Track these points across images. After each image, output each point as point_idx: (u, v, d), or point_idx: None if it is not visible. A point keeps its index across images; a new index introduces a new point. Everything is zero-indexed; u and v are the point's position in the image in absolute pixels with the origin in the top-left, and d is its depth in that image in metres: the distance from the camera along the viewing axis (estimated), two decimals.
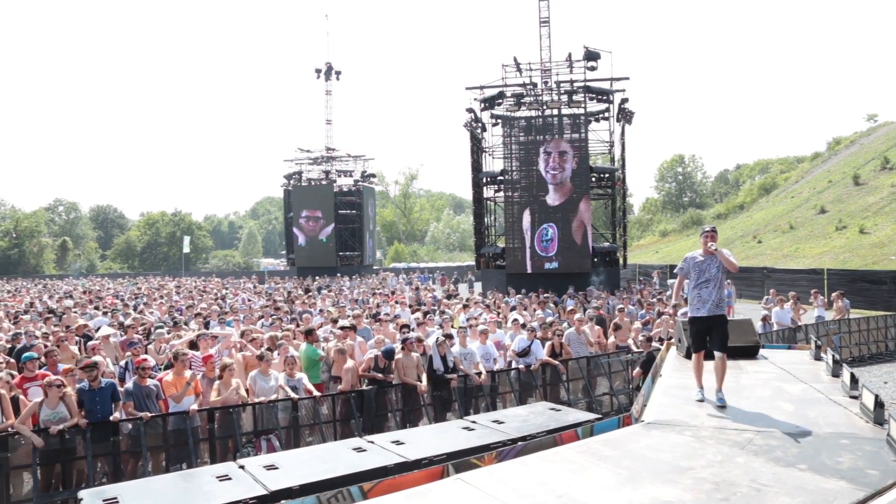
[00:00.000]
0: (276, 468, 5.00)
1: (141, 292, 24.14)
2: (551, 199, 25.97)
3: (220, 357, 8.17)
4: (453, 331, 10.18)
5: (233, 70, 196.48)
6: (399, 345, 8.97)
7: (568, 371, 9.97)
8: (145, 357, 8.01)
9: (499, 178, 28.02)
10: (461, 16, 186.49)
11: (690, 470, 3.95)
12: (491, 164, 29.06)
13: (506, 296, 19.55)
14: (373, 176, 49.80)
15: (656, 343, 9.61)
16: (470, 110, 27.76)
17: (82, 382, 6.91)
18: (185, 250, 57.76)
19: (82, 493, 4.61)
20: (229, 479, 4.77)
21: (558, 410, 7.04)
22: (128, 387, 7.20)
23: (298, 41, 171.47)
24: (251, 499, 4.38)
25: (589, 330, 11.05)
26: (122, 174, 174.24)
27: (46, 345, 9.22)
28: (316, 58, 72.48)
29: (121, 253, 74.10)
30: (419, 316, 12.76)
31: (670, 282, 22.77)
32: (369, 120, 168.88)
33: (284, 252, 54.20)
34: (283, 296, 20.76)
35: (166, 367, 8.08)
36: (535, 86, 27.14)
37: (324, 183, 46.37)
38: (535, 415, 6.78)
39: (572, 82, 26.61)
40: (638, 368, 9.10)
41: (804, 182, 53.56)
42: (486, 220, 30.09)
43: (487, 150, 28.97)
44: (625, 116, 27.29)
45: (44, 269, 63.92)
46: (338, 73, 48.39)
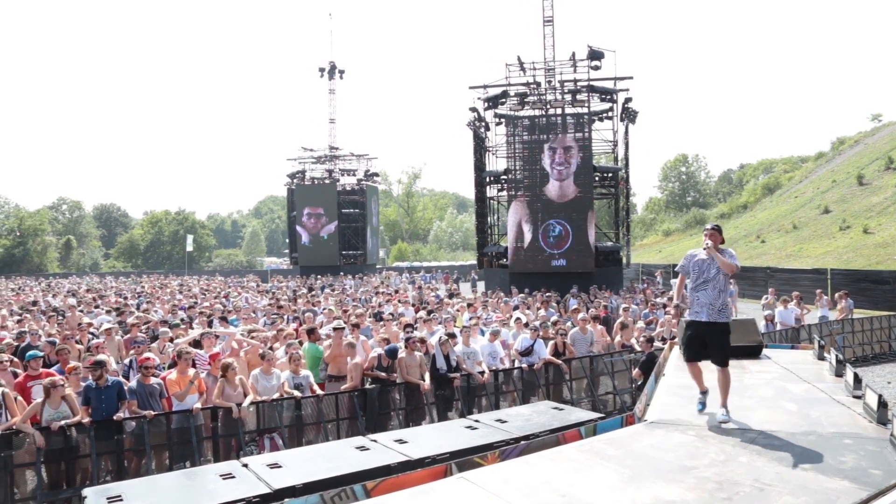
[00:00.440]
0: (280, 467, 5.00)
1: (144, 291, 24.21)
2: (557, 195, 25.89)
3: (224, 355, 8.18)
4: (455, 330, 10.18)
5: (236, 69, 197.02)
6: (402, 344, 8.98)
7: (571, 370, 9.98)
8: (149, 355, 8.02)
9: (502, 177, 28.03)
10: (465, 15, 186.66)
11: (693, 469, 3.95)
12: (494, 164, 29.06)
13: (507, 295, 19.53)
14: (376, 175, 49.79)
15: (658, 343, 9.59)
16: (473, 109, 27.79)
17: (88, 381, 6.92)
18: (188, 249, 57.94)
19: (87, 491, 4.62)
20: (233, 477, 4.77)
21: (561, 409, 7.01)
22: (131, 385, 7.23)
23: (302, 40, 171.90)
24: (255, 497, 4.38)
25: (593, 329, 11.04)
26: (125, 173, 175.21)
27: (56, 342, 9.14)
28: (320, 57, 73.09)
29: (124, 252, 74.34)
30: (423, 315, 12.77)
31: (673, 281, 22.70)
32: (373, 119, 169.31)
33: (287, 251, 54.26)
34: (287, 295, 20.76)
35: (170, 365, 8.10)
36: (538, 85, 27.11)
37: (327, 182, 46.39)
38: (538, 414, 6.75)
39: (576, 81, 26.56)
40: (637, 369, 9.07)
41: (808, 182, 53.41)
42: (488, 219, 30.10)
43: (490, 149, 28.95)
44: (628, 116, 27.25)
45: (47, 267, 64.09)
46: (341, 72, 48.38)
